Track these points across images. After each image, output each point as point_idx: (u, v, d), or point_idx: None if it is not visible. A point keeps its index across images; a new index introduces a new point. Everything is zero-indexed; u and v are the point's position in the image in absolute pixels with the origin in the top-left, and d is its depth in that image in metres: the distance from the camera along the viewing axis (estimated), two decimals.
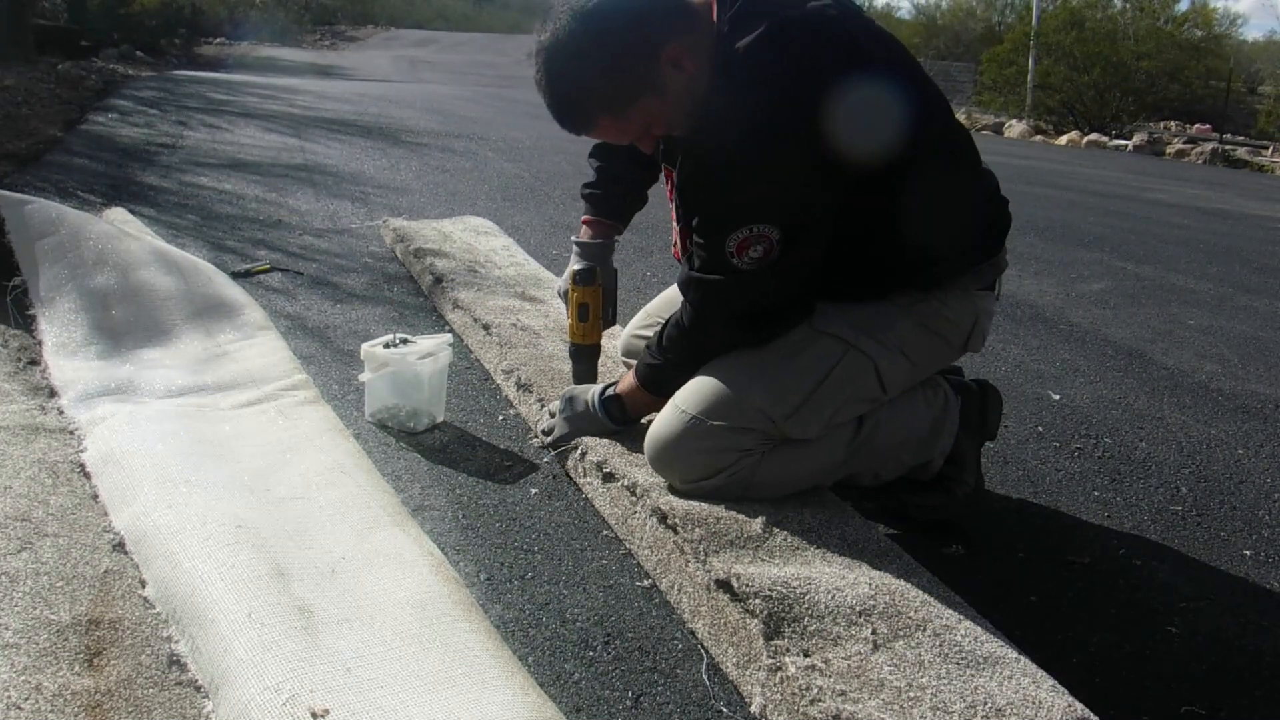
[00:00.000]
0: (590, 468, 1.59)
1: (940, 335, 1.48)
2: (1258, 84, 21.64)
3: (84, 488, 1.45)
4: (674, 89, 1.35)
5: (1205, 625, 1.39)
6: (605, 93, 1.36)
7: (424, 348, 1.79)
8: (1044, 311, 3.17)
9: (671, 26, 1.34)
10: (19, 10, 9.65)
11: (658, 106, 1.37)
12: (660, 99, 1.36)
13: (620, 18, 1.33)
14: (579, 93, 1.37)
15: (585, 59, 1.34)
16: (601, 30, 1.32)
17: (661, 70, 1.34)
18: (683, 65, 1.34)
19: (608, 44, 1.33)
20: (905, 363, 1.46)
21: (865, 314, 1.45)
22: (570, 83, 1.37)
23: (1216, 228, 5.70)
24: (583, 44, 1.33)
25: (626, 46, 1.33)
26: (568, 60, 1.35)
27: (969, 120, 16.65)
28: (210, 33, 20.00)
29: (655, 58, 1.33)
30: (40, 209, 2.29)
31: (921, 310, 1.46)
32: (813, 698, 1.04)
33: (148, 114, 6.21)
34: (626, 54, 1.33)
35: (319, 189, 4.15)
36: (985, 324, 1.53)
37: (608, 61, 1.33)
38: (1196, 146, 13.20)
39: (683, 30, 1.34)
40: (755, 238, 1.32)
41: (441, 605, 1.21)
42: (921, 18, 27.62)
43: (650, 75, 1.34)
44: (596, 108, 1.39)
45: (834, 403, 1.43)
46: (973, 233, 1.49)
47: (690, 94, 1.35)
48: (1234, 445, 2.11)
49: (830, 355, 1.42)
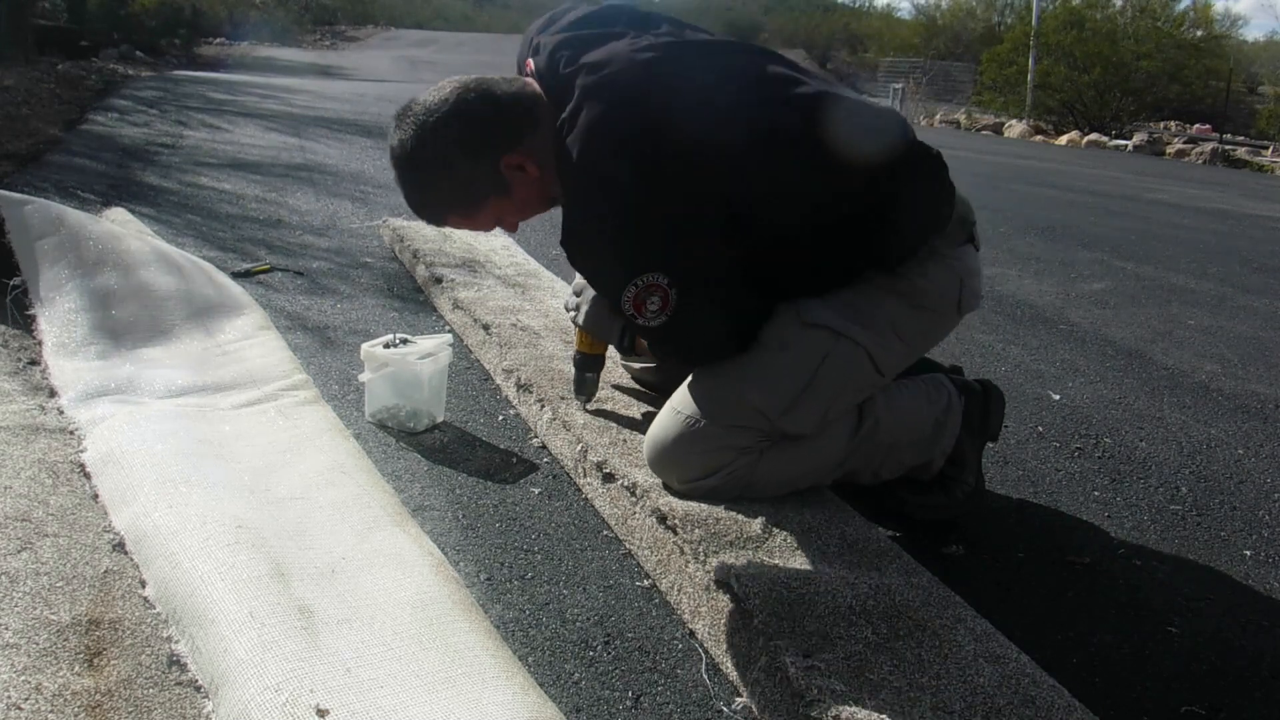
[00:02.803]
0: (590, 468, 1.59)
1: (928, 309, 1.47)
2: (1258, 84, 21.64)
3: (84, 488, 1.45)
4: (519, 189, 1.40)
5: (1205, 625, 1.39)
6: (448, 200, 1.41)
7: (424, 348, 1.79)
8: (1044, 311, 3.17)
9: (508, 135, 1.36)
10: (19, 10, 9.66)
11: (505, 205, 1.42)
12: (506, 199, 1.41)
13: (456, 133, 1.35)
14: (424, 199, 1.42)
15: (426, 172, 1.38)
16: (440, 145, 1.36)
17: (503, 175, 1.38)
18: (525, 168, 1.37)
19: (446, 159, 1.36)
20: (898, 343, 1.46)
21: (850, 299, 1.44)
22: (415, 190, 1.41)
23: (1216, 228, 5.70)
24: (422, 158, 1.37)
25: (463, 161, 1.36)
26: (411, 171, 1.39)
27: (969, 120, 16.66)
28: (210, 33, 20.01)
29: (494, 168, 1.37)
30: (40, 209, 2.29)
31: (903, 289, 1.45)
32: (813, 698, 1.04)
33: (148, 114, 6.21)
34: (464, 168, 1.37)
35: (319, 189, 4.15)
36: (974, 283, 1.50)
37: (447, 176, 1.38)
38: (1196, 146, 13.20)
39: (521, 135, 1.37)
40: (646, 289, 1.33)
41: (441, 605, 1.21)
42: (921, 18, 27.62)
43: (491, 183, 1.38)
44: (444, 210, 1.44)
45: (829, 394, 1.43)
46: (905, 209, 1.44)
47: (538, 190, 1.40)
48: (1234, 445, 2.11)
49: (820, 347, 1.42)
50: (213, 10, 21.74)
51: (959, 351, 2.63)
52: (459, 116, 1.35)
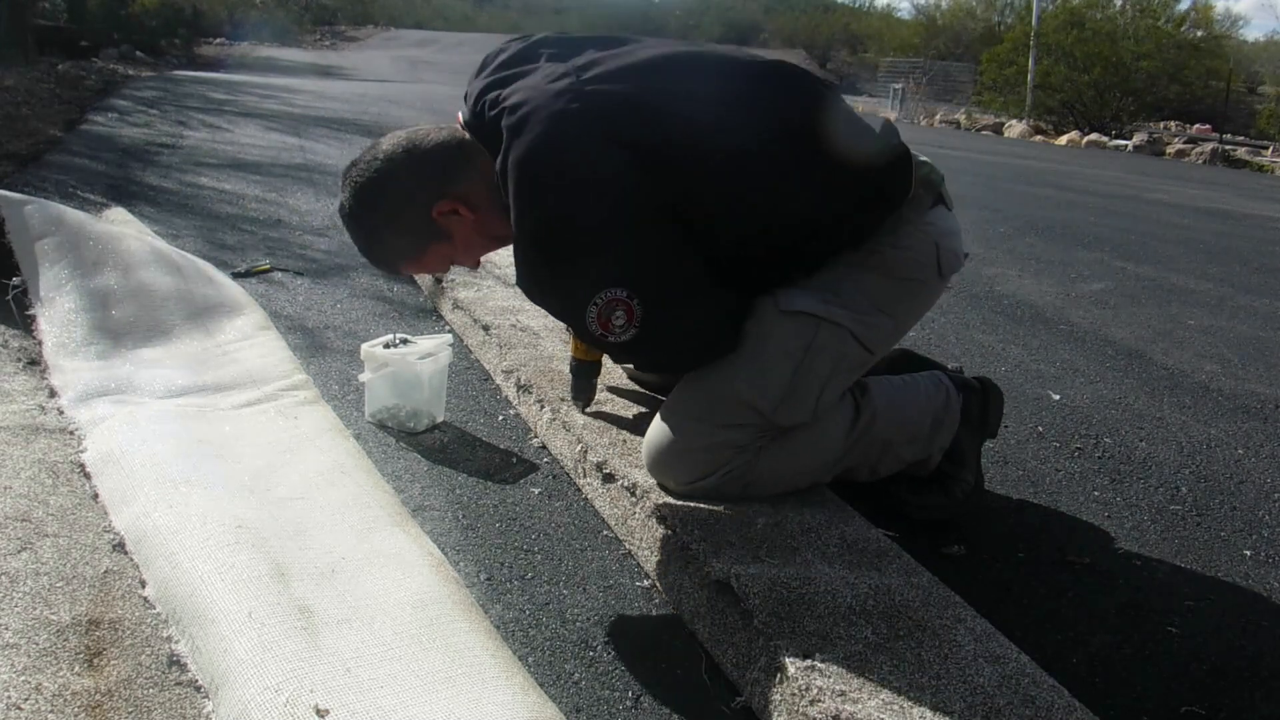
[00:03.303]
0: (590, 468, 1.60)
1: (907, 278, 1.46)
2: (1258, 84, 21.65)
3: (84, 488, 1.45)
4: (458, 232, 1.43)
5: (1205, 625, 1.39)
6: (393, 250, 1.47)
7: (424, 348, 1.80)
8: (1044, 311, 3.17)
9: (436, 184, 1.40)
10: (19, 10, 9.66)
11: (449, 250, 1.45)
12: (447, 244, 1.44)
13: (386, 191, 1.41)
14: (372, 252, 1.48)
15: (365, 227, 1.44)
16: (372, 203, 1.41)
17: (438, 224, 1.41)
18: (460, 212, 1.40)
19: (382, 215, 1.42)
20: (883, 318, 1.45)
21: (827, 281, 1.44)
22: (363, 244, 1.47)
23: (1216, 228, 5.70)
24: (360, 216, 1.43)
25: (397, 215, 1.42)
26: (355, 228, 1.45)
27: (969, 120, 16.66)
28: (210, 33, 20.03)
29: (426, 218, 1.40)
30: (40, 209, 2.29)
31: (876, 263, 1.44)
32: (812, 698, 1.04)
33: (148, 114, 6.21)
34: (400, 221, 1.42)
35: (319, 189, 4.15)
36: (950, 243, 1.49)
37: (386, 230, 1.43)
38: (1196, 147, 13.20)
39: (452, 180, 1.40)
40: (608, 305, 1.32)
41: (441, 605, 1.21)
42: (921, 18, 27.63)
43: (428, 231, 1.42)
44: (394, 260, 1.50)
45: (820, 380, 1.43)
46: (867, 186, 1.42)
47: (479, 230, 1.43)
48: (1234, 445, 2.11)
49: (804, 334, 1.41)
50: (213, 10, 21.76)
51: (959, 351, 2.63)
52: (387, 175, 1.40)
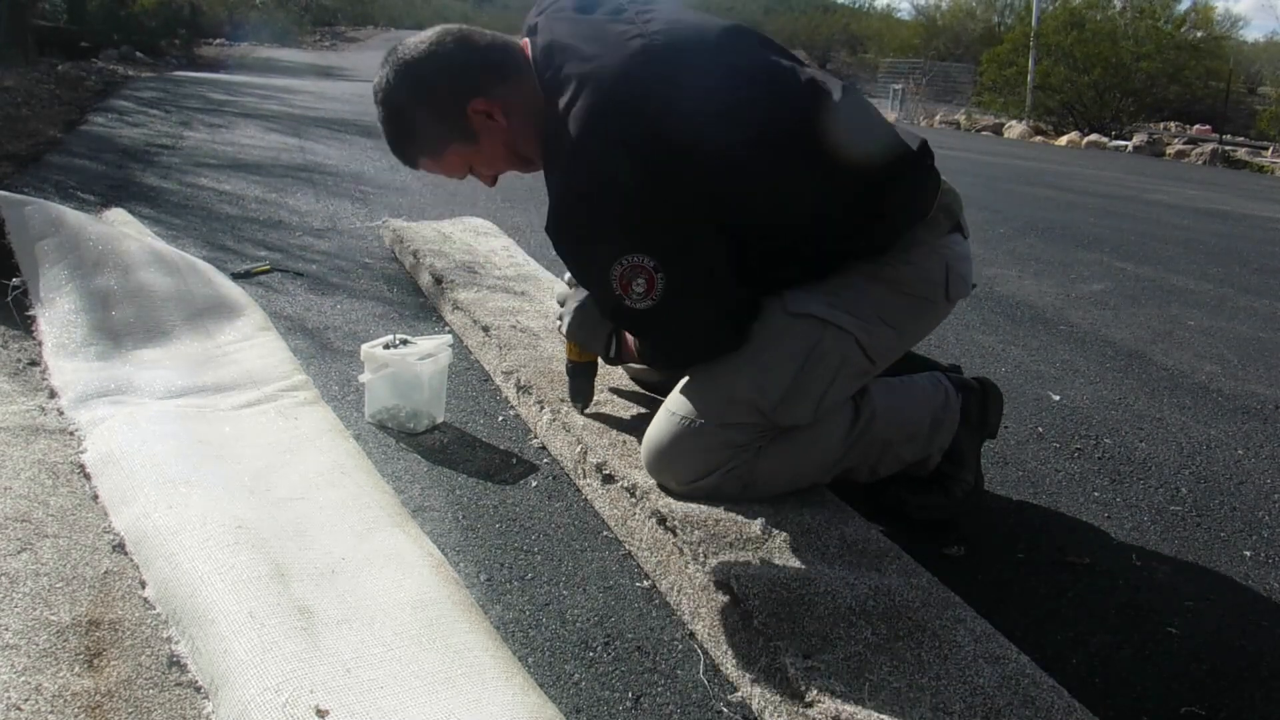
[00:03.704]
0: (590, 469, 1.60)
1: (915, 295, 1.47)
2: (1258, 85, 21.66)
3: (84, 488, 1.45)
4: (487, 138, 1.42)
5: (1205, 625, 1.39)
6: (416, 140, 1.45)
7: (424, 348, 1.79)
8: (1044, 312, 3.17)
9: (480, 81, 1.39)
10: (19, 11, 9.67)
11: (472, 152, 1.45)
12: (472, 146, 1.43)
13: (428, 73, 1.40)
14: (397, 135, 1.47)
15: (396, 105, 1.43)
16: (411, 84, 1.41)
17: (469, 121, 1.40)
18: (494, 117, 1.40)
19: (415, 97, 1.41)
20: (887, 330, 1.46)
21: (835, 288, 1.45)
22: (387, 127, 1.46)
23: (1216, 228, 5.70)
24: (395, 96, 1.42)
25: (430, 101, 1.41)
26: (384, 108, 1.44)
27: (969, 121, 16.66)
28: (210, 34, 20.02)
29: (460, 111, 1.40)
30: (40, 209, 2.29)
31: (887, 275, 1.45)
32: (812, 698, 1.04)
33: (148, 114, 6.21)
34: (430, 107, 1.41)
35: (319, 189, 4.15)
36: (961, 268, 1.50)
37: (414, 113, 1.42)
38: (1196, 147, 13.21)
39: (494, 83, 1.40)
40: (632, 269, 1.34)
41: (441, 606, 1.21)
42: (921, 18, 27.63)
43: (457, 126, 1.41)
44: (413, 151, 1.47)
45: (821, 383, 1.43)
46: (892, 200, 1.44)
47: (508, 143, 1.43)
48: (1234, 445, 2.11)
49: (809, 336, 1.42)
50: (213, 11, 21.76)
51: (959, 352, 2.63)
52: (432, 58, 1.40)
